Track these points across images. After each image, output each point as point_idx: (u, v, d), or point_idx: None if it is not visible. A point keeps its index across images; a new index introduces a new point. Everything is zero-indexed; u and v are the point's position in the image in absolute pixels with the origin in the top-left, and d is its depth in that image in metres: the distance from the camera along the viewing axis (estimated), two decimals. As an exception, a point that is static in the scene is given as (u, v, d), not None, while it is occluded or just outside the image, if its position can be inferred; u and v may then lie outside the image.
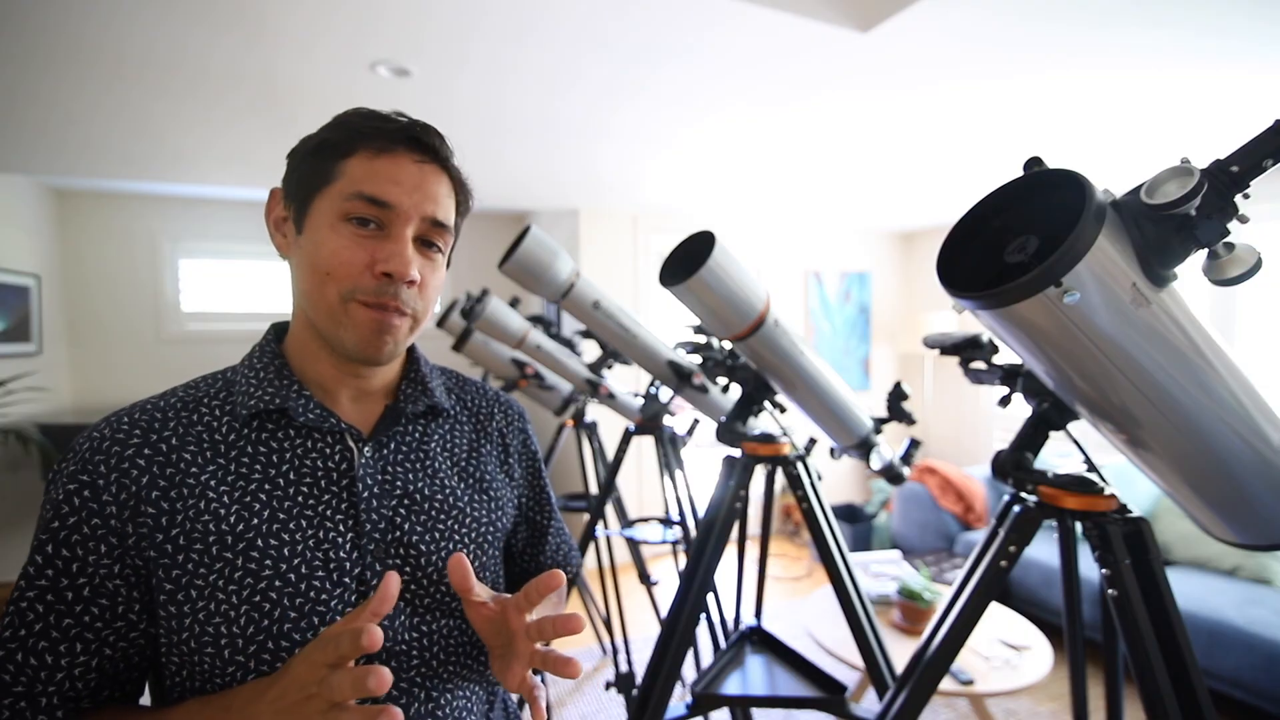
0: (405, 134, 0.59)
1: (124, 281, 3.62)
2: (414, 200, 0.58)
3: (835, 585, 1.25)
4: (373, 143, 0.58)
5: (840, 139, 2.55)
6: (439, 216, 0.60)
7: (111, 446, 0.55)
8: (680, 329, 1.46)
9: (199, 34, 1.64)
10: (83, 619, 0.53)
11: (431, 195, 0.60)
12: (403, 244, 0.58)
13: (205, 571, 0.54)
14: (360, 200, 0.57)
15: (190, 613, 0.53)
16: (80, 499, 0.53)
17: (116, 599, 0.54)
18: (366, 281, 0.57)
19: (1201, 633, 2.38)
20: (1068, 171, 0.54)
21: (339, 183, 0.58)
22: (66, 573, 0.53)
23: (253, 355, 0.64)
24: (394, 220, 0.58)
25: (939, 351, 0.95)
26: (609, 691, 2.37)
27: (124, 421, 0.57)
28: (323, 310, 0.59)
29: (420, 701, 0.60)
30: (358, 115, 0.60)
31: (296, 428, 0.60)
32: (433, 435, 0.68)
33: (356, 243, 0.57)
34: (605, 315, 1.37)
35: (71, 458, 0.55)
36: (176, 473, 0.56)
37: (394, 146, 0.59)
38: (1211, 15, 1.56)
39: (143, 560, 0.54)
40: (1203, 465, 0.64)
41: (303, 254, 0.59)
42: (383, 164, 0.58)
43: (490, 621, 0.57)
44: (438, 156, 0.61)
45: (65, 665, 0.52)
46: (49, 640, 0.52)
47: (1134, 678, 0.72)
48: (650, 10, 1.55)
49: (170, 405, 0.59)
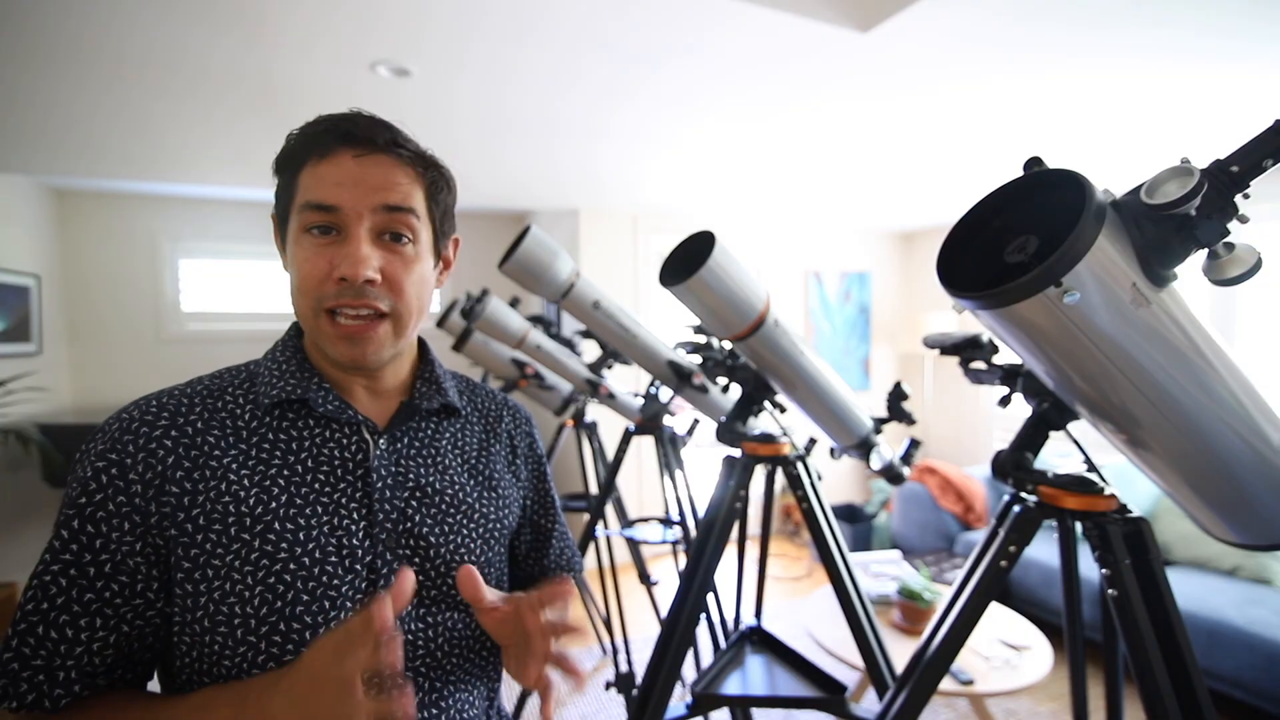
0: (335, 132, 0.58)
1: (124, 281, 3.62)
2: (357, 195, 0.58)
3: (835, 585, 1.25)
4: (314, 149, 0.59)
5: (840, 139, 2.55)
6: (392, 202, 0.59)
7: (140, 427, 0.57)
8: (680, 329, 1.46)
9: (199, 34, 1.64)
10: (103, 594, 0.54)
11: (377, 185, 0.58)
12: (354, 244, 0.58)
13: (223, 551, 0.55)
14: (310, 210, 0.58)
15: (206, 591, 0.55)
16: (108, 476, 0.55)
17: (136, 576, 0.55)
18: (328, 288, 0.58)
19: (1201, 633, 2.38)
20: (1068, 171, 0.54)
21: (297, 196, 0.59)
22: (90, 548, 0.54)
23: (276, 349, 0.66)
24: (345, 221, 0.58)
25: (939, 351, 0.95)
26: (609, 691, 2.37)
27: (152, 405, 0.59)
28: (305, 324, 0.61)
29: (425, 692, 0.61)
30: (308, 126, 0.60)
31: (316, 418, 0.62)
32: (444, 433, 0.70)
33: (317, 252, 0.58)
34: (605, 315, 1.37)
35: (100, 437, 0.57)
36: (201, 455, 0.57)
37: (332, 148, 0.58)
38: (1211, 15, 1.56)
39: (164, 539, 0.55)
40: (1203, 465, 0.64)
41: (290, 271, 0.62)
42: (325, 168, 0.58)
43: (503, 623, 0.59)
44: (377, 146, 0.59)
45: (85, 640, 0.53)
46: (70, 614, 0.53)
47: (1134, 678, 0.72)
48: (650, 10, 1.55)
49: (196, 392, 0.61)
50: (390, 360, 0.64)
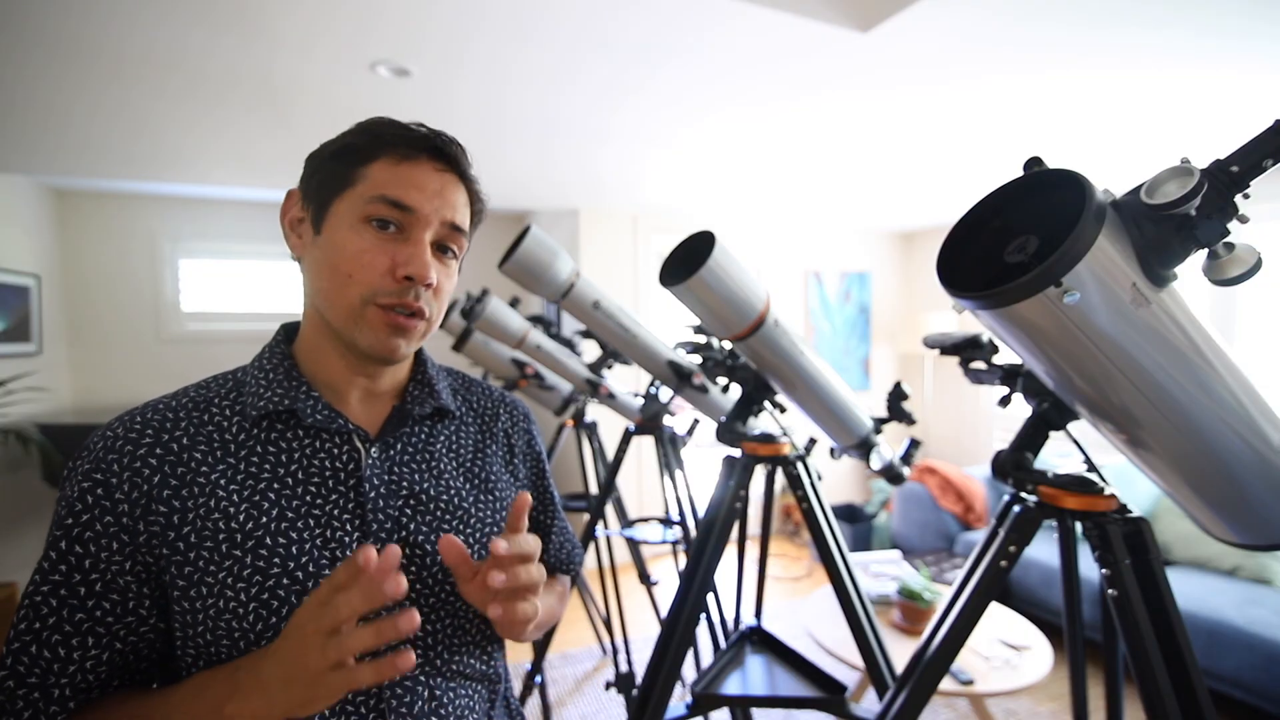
0: (428, 143, 0.62)
1: (124, 281, 3.62)
2: (434, 205, 0.61)
3: (835, 585, 1.25)
4: (396, 149, 0.60)
5: (840, 139, 2.55)
6: (456, 220, 0.63)
7: (124, 445, 0.56)
8: (680, 329, 1.46)
9: (199, 34, 1.64)
10: (94, 613, 0.54)
11: (450, 202, 0.62)
12: (421, 248, 0.60)
13: (215, 569, 0.55)
14: (383, 203, 0.59)
15: (202, 609, 0.54)
16: (94, 497, 0.54)
17: (127, 594, 0.55)
18: (387, 284, 0.59)
19: (1201, 633, 2.38)
20: (1068, 171, 0.54)
21: (361, 186, 0.60)
22: (79, 568, 0.54)
23: (262, 356, 0.65)
24: (414, 224, 0.60)
25: (939, 351, 0.95)
26: (609, 691, 2.37)
27: (136, 421, 0.58)
28: (341, 310, 0.60)
29: (424, 700, 0.60)
30: (381, 123, 0.62)
31: (305, 428, 0.62)
32: (438, 436, 0.69)
33: (378, 245, 0.59)
34: (605, 315, 1.37)
35: (86, 456, 0.56)
36: (188, 472, 0.57)
37: (417, 154, 0.61)
38: (1211, 15, 1.56)
39: (154, 558, 0.55)
40: (1203, 465, 0.64)
41: (320, 255, 0.61)
42: (405, 170, 0.60)
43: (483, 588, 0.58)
44: (457, 167, 0.64)
45: (78, 658, 0.53)
46: (62, 634, 0.53)
47: (1134, 678, 0.72)
48: (650, 10, 1.55)
49: (182, 405, 0.60)
50: (407, 357, 0.66)
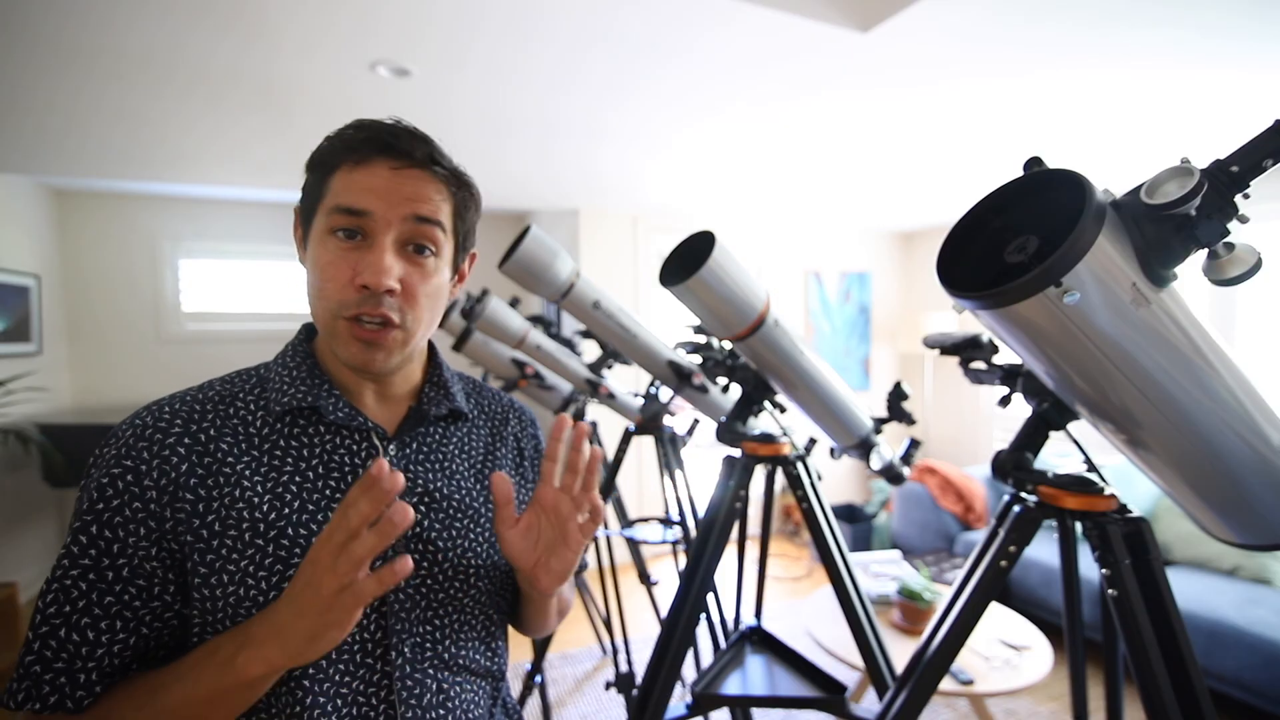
0: (375, 142, 0.60)
1: (124, 281, 3.62)
2: (389, 204, 0.59)
3: (835, 585, 1.25)
4: (352, 155, 0.60)
5: (840, 139, 2.55)
6: (421, 213, 0.60)
7: (154, 434, 0.58)
8: (680, 329, 1.46)
9: (199, 34, 1.64)
10: (122, 598, 0.55)
11: (410, 197, 0.60)
12: (379, 253, 0.58)
13: (238, 557, 0.56)
14: (338, 213, 0.59)
15: (222, 596, 0.56)
16: (124, 483, 0.56)
17: (153, 580, 0.56)
18: (349, 295, 0.59)
19: (1201, 633, 2.38)
20: (1068, 171, 0.54)
21: (327, 197, 0.60)
22: (108, 553, 0.55)
23: (285, 354, 0.67)
24: (373, 228, 0.59)
25: (939, 351, 0.95)
26: (609, 691, 2.37)
27: (165, 411, 0.59)
28: (321, 325, 0.62)
29: (432, 693, 0.62)
30: (348, 128, 0.61)
31: (326, 424, 0.63)
32: (452, 438, 0.71)
33: (340, 256, 0.59)
34: (605, 315, 1.37)
35: (114, 443, 0.57)
36: (214, 462, 0.58)
37: (370, 156, 0.59)
38: (1211, 15, 1.56)
39: (179, 544, 0.56)
40: (1203, 465, 0.64)
41: (307, 269, 0.62)
42: (360, 174, 0.59)
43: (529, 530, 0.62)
44: (414, 159, 0.60)
45: (105, 642, 0.54)
46: (91, 617, 0.54)
47: (1134, 678, 0.72)
48: (650, 10, 1.55)
49: (208, 398, 0.62)
50: (399, 367, 0.65)
